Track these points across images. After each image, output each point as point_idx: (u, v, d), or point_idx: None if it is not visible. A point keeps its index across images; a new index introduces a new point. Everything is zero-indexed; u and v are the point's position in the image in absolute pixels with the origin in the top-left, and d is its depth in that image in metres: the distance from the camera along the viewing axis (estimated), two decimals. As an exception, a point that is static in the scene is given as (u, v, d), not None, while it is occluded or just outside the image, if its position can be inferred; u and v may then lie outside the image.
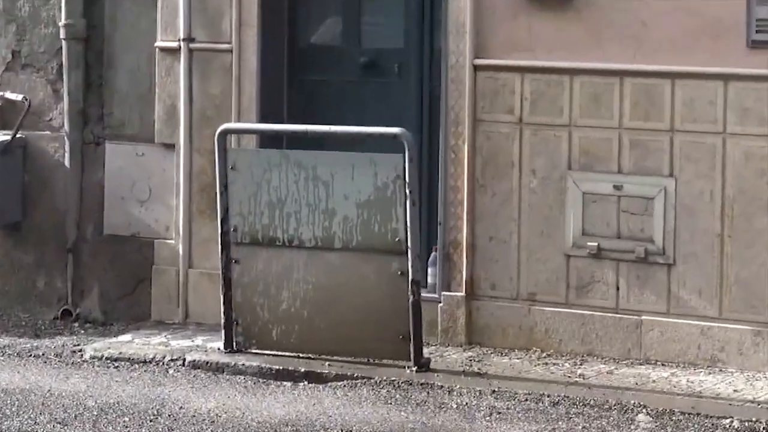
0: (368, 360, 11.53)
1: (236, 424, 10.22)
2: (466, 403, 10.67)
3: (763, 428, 10.08)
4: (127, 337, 12.77)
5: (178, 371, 11.76)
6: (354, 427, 10.07)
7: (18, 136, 13.75)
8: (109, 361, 12.06)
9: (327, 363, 11.53)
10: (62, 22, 13.67)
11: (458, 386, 11.02)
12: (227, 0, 13.04)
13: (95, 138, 13.72)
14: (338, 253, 11.64)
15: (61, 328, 13.13)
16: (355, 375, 11.30)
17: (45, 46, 13.89)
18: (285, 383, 11.30)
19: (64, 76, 13.66)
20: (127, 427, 10.14)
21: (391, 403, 10.73)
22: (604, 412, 10.43)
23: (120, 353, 12.20)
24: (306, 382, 11.30)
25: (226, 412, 10.49)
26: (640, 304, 11.75)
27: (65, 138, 13.72)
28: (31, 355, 12.28)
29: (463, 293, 12.24)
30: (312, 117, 12.53)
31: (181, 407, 10.64)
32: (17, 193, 13.69)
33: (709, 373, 11.34)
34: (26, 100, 13.85)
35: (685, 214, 11.59)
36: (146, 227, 13.45)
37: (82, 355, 12.26)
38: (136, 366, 11.90)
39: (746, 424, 10.15)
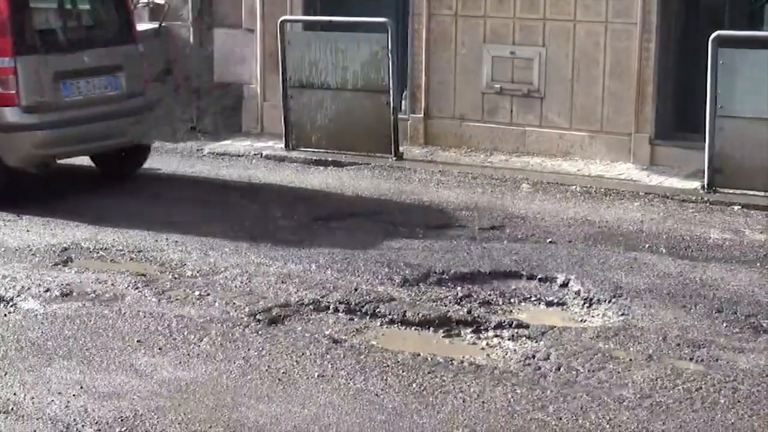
0: (367, 153, 11.62)
1: (291, 188, 10.43)
2: (424, 178, 10.89)
3: (594, 191, 10.26)
4: (228, 141, 12.77)
5: (259, 161, 11.85)
6: (359, 191, 10.30)
7: (163, 25, 13.72)
8: (218, 155, 12.14)
9: (344, 155, 11.64)
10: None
11: (419, 168, 11.20)
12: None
13: (208, 25, 13.64)
14: (350, 92, 11.67)
15: (190, 137, 13.12)
16: (360, 162, 11.44)
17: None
18: (320, 167, 11.44)
19: (191, -13, 13.58)
20: (229, 190, 10.33)
21: (380, 178, 10.93)
22: (503, 183, 10.62)
23: (225, 150, 12.27)
24: (332, 167, 11.44)
25: (286, 183, 10.71)
26: (525, 120, 11.81)
27: (191, 26, 13.66)
28: (172, 153, 12.35)
29: (422, 115, 12.27)
30: (337, 10, 12.24)
31: (260, 180, 10.85)
32: (163, 59, 13.65)
33: (564, 161, 11.46)
34: (167, 3, 13.77)
35: (551, 68, 11.58)
36: (239, 77, 13.40)
37: (202, 152, 12.35)
38: (234, 158, 12.00)
39: (584, 189, 10.35)
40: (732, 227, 8.89)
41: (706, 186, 9.95)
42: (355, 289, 7.18)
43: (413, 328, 6.66)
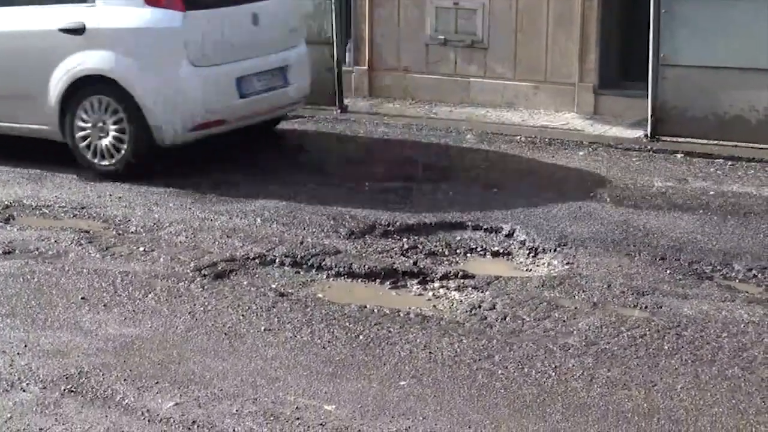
0: (312, 106, 11.54)
1: (235, 143, 10.31)
2: (369, 130, 10.85)
3: (539, 141, 10.29)
4: None
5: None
6: (304, 143, 10.25)
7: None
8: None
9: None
10: None
11: (364, 120, 11.18)
12: None
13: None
14: None
15: None
16: (305, 115, 11.34)
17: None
18: (264, 121, 11.39)
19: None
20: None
21: (327, 129, 10.91)
22: (448, 134, 10.62)
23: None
24: (276, 120, 11.41)
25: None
26: (469, 72, 11.80)
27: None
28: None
29: (366, 67, 12.25)
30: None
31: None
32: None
33: (508, 111, 11.48)
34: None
35: (495, 19, 11.55)
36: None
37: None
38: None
39: (528, 138, 10.37)
40: (675, 175, 8.96)
41: (649, 134, 10.01)
42: (301, 243, 7.16)
43: (359, 280, 6.66)
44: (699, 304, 6.09)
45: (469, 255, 7.13)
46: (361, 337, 5.70)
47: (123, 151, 8.81)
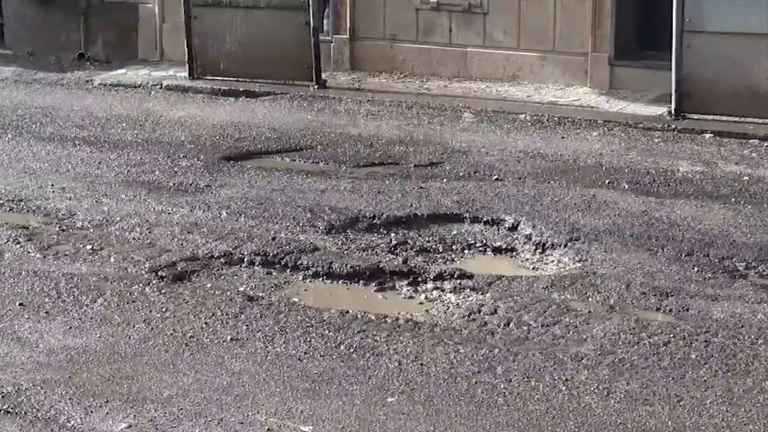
0: (285, 82, 11.61)
1: (198, 125, 10.38)
2: (351, 109, 10.87)
3: (546, 119, 10.33)
4: (122, 70, 12.73)
5: (158, 92, 11.81)
6: (276, 125, 10.26)
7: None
8: (111, 87, 12.09)
9: (257, 84, 11.61)
10: None
11: (345, 97, 11.19)
12: None
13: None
14: (264, 11, 11.64)
15: (78, 66, 13.05)
16: (276, 92, 11.42)
17: None
18: (230, 98, 11.42)
19: None
20: (124, 129, 10.26)
21: (300, 109, 10.92)
22: (442, 112, 10.64)
23: (118, 81, 12.23)
24: (244, 97, 11.41)
25: (191, 118, 10.64)
26: (466, 40, 11.82)
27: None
28: (58, 84, 12.27)
29: (347, 36, 12.26)
30: None
31: (160, 115, 10.77)
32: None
33: (511, 86, 11.51)
34: None
35: None
36: (132, -5, 13.33)
37: (92, 83, 12.27)
38: (129, 90, 11.94)
39: (534, 117, 10.41)
40: (703, 158, 8.97)
41: (673, 112, 10.03)
42: (273, 239, 7.15)
43: (341, 281, 6.65)
44: (731, 307, 6.10)
45: (466, 251, 7.13)
46: (342, 347, 5.69)
47: None
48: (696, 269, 6.64)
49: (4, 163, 8.98)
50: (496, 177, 8.53)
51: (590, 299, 6.23)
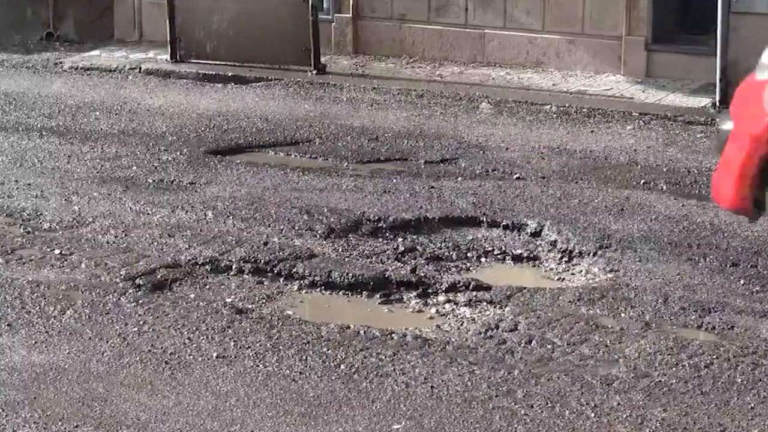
0: (279, 66, 11.65)
1: (181, 114, 10.38)
2: (354, 97, 10.89)
3: (574, 111, 10.34)
4: (96, 52, 12.78)
5: (136, 77, 11.84)
6: (269, 116, 10.27)
7: None
8: (83, 71, 12.11)
9: (248, 69, 11.65)
10: None
11: (347, 84, 11.22)
12: None
13: None
14: None
15: (46, 47, 13.07)
16: (269, 78, 11.45)
17: None
18: (217, 84, 11.44)
19: None
20: (98, 118, 10.27)
21: (297, 98, 10.93)
22: (456, 102, 10.66)
23: (91, 64, 12.27)
24: (233, 84, 11.44)
25: (173, 106, 10.65)
26: (484, 21, 11.83)
27: None
28: (23, 67, 12.30)
29: (350, 15, 12.29)
30: None
31: (138, 103, 10.79)
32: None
33: (535, 72, 11.53)
34: None
35: None
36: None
37: (62, 66, 12.29)
38: (104, 74, 11.97)
39: (561, 108, 10.42)
40: (751, 156, 8.96)
41: (717, 104, 10.04)
42: (265, 244, 7.16)
43: (341, 292, 6.66)
44: (782, 325, 6.11)
45: (483, 260, 7.14)
46: (342, 366, 5.69)
47: None
48: (742, 282, 6.64)
49: (-38, 156, 8.99)
50: (517, 176, 8.54)
51: (622, 315, 6.24)
